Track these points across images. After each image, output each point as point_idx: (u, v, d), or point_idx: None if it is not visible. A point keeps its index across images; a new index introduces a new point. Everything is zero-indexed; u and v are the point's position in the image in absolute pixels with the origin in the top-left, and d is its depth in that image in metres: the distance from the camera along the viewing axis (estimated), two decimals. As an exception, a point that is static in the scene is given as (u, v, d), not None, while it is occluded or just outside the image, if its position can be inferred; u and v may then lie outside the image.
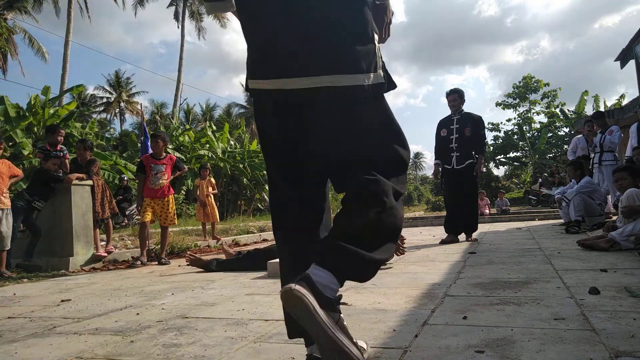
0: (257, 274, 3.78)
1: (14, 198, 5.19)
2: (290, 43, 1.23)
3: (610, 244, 3.69)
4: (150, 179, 5.28)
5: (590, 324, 1.68)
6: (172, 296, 2.94)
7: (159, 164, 5.34)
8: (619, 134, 6.87)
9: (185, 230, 8.69)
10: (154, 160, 5.36)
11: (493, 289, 2.46)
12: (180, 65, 28.97)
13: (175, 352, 1.68)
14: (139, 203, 5.54)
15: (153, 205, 5.30)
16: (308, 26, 1.22)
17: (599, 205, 5.95)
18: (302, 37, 1.22)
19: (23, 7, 22.40)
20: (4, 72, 21.87)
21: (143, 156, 5.62)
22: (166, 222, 5.37)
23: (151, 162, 5.33)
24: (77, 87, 13.33)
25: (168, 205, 5.38)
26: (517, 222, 9.27)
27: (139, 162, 5.55)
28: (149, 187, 5.29)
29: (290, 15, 1.23)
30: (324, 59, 1.21)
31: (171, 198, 5.45)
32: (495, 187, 25.54)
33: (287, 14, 1.23)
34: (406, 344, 1.58)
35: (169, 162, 5.46)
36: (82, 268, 5.16)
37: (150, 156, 5.47)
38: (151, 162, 5.34)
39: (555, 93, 28.32)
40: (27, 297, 3.30)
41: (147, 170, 5.29)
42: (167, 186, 5.39)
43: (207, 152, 16.37)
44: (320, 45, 1.22)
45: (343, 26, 1.23)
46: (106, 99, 40.39)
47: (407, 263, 3.86)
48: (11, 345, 1.93)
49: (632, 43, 12.62)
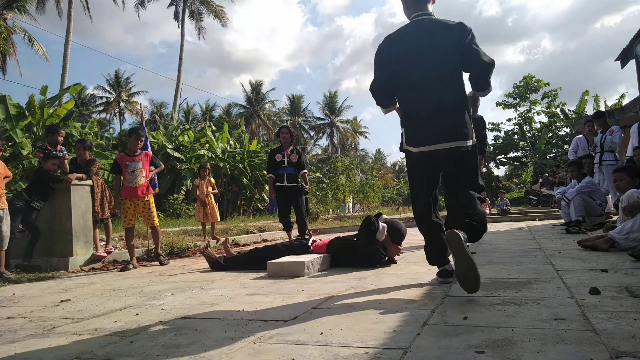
0: (257, 274, 3.78)
1: (12, 198, 5.19)
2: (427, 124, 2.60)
3: (609, 244, 3.69)
4: (127, 177, 5.02)
5: (590, 324, 1.67)
6: (172, 296, 2.94)
7: (134, 161, 5.08)
8: (620, 133, 6.87)
9: (185, 230, 8.69)
10: (129, 158, 5.08)
11: (493, 289, 2.46)
12: (180, 65, 28.99)
13: (175, 352, 1.68)
14: (116, 205, 5.32)
15: (134, 207, 5.07)
16: (440, 118, 2.56)
17: (600, 206, 5.94)
18: (433, 120, 2.58)
19: (22, 7, 22.39)
20: (3, 72, 21.88)
21: (117, 155, 5.33)
22: (150, 223, 5.16)
23: (126, 160, 5.06)
24: (75, 86, 13.30)
25: (149, 205, 5.15)
26: (518, 222, 9.26)
27: (113, 161, 5.27)
28: (127, 185, 5.02)
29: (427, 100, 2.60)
30: (449, 134, 2.53)
31: (151, 198, 5.23)
32: (496, 187, 25.55)
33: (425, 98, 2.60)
34: (406, 344, 1.58)
35: (144, 158, 5.20)
36: (81, 268, 5.15)
37: (124, 154, 5.17)
38: (126, 159, 5.07)
39: (555, 93, 28.29)
40: (27, 297, 3.30)
41: (123, 168, 5.05)
42: (146, 185, 5.14)
43: (206, 152, 16.37)
44: (447, 128, 2.55)
45: (456, 117, 2.55)
46: (106, 98, 40.41)
47: (407, 263, 3.85)
48: (11, 346, 1.93)
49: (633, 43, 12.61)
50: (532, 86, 28.35)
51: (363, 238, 3.81)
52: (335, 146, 48.82)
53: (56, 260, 5.14)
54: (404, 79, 2.67)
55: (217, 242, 7.38)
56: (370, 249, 3.76)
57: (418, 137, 2.61)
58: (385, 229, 3.79)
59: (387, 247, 3.81)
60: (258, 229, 9.91)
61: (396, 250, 3.86)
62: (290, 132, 6.70)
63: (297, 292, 2.77)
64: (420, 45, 2.60)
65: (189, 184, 14.79)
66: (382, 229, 3.77)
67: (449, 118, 2.54)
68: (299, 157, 6.54)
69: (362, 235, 3.83)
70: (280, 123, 38.80)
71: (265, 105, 44.31)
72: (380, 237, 3.76)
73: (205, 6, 30.58)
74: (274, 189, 6.48)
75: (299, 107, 47.63)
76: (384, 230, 3.78)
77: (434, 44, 2.57)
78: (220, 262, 4.25)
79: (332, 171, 23.93)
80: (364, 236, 3.79)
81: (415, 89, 2.64)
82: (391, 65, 2.68)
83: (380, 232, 3.76)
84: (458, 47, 2.54)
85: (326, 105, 48.77)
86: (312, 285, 3.00)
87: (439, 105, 2.56)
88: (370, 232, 3.75)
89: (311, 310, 2.25)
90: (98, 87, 41.43)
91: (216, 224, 8.30)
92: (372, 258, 3.76)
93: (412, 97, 2.67)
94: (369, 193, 24.28)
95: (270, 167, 6.58)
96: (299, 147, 6.83)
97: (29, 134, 11.27)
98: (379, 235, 3.75)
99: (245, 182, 16.92)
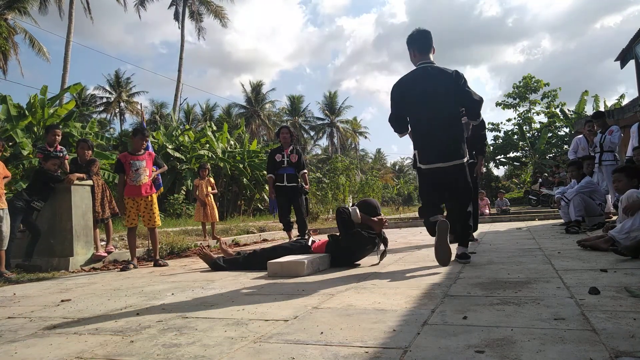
0: (257, 273, 3.78)
1: (12, 198, 5.20)
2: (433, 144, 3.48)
3: (609, 243, 3.69)
4: (131, 176, 5.00)
5: (590, 324, 1.68)
6: (172, 296, 2.94)
7: (138, 160, 5.07)
8: (619, 134, 6.87)
9: (185, 230, 8.69)
10: (133, 157, 5.08)
11: (493, 289, 2.46)
12: (180, 65, 28.99)
13: (175, 352, 1.68)
14: (119, 206, 5.21)
15: (136, 205, 5.05)
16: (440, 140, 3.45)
17: (599, 205, 5.95)
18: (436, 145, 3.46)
19: (23, 8, 22.39)
20: (4, 72, 21.88)
21: (120, 154, 5.28)
22: (150, 223, 5.10)
23: (130, 159, 5.05)
24: (75, 85, 13.28)
25: (152, 205, 5.12)
26: (517, 222, 9.26)
27: (117, 160, 5.25)
28: (131, 184, 4.99)
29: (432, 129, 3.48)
30: (448, 155, 3.43)
31: (154, 197, 5.21)
32: (495, 187, 25.56)
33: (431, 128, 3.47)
34: (406, 344, 1.59)
35: (148, 157, 5.21)
36: (82, 268, 5.16)
37: (128, 153, 5.19)
38: (130, 158, 5.05)
39: (555, 93, 28.30)
40: (27, 297, 3.30)
41: (126, 167, 5.03)
42: (149, 184, 5.13)
43: (207, 152, 16.37)
44: (445, 149, 3.43)
45: (454, 141, 3.43)
46: (106, 99, 40.42)
47: (407, 263, 3.85)
48: (11, 345, 1.93)
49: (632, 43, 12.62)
50: (532, 86, 28.36)
51: (342, 231, 3.84)
52: (335, 146, 48.83)
53: (57, 260, 5.14)
54: (415, 113, 3.57)
55: (217, 242, 7.37)
56: (355, 234, 3.78)
57: (428, 158, 3.51)
58: (357, 209, 3.85)
59: (370, 224, 3.83)
60: (258, 229, 9.91)
61: (380, 223, 3.89)
62: (290, 132, 6.70)
63: (297, 292, 2.77)
64: (426, 87, 3.45)
65: (189, 184, 14.79)
66: (353, 211, 3.85)
67: (451, 144, 3.45)
68: (299, 157, 6.55)
69: (340, 226, 3.86)
70: (280, 123, 38.81)
71: (265, 105, 44.34)
72: (356, 218, 3.82)
73: (205, 6, 30.59)
74: (274, 189, 6.49)
75: (299, 107, 47.64)
76: (357, 210, 3.84)
77: (437, 86, 3.43)
78: (220, 263, 4.25)
79: (332, 171, 23.93)
80: (342, 227, 3.83)
81: (423, 120, 3.53)
82: (404, 101, 3.56)
83: (353, 213, 3.83)
84: (455, 89, 3.41)
85: (326, 105, 48.80)
86: (312, 285, 3.00)
87: (442, 134, 3.45)
88: (345, 220, 3.79)
89: (311, 310, 2.25)
90: (98, 87, 41.45)
91: (216, 223, 8.30)
92: (362, 241, 3.78)
93: (421, 127, 3.57)
94: (369, 193, 24.25)
95: (270, 167, 6.59)
96: (299, 147, 6.83)
97: (30, 134, 11.27)
98: (353, 217, 3.81)
99: (246, 182, 16.91)
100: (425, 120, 3.49)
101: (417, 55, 3.57)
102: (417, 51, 3.56)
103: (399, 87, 3.58)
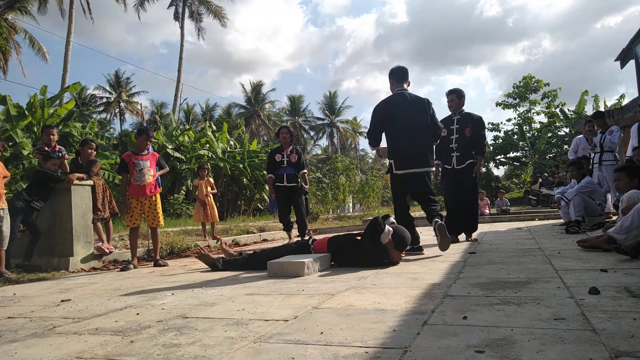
0: (258, 273, 3.78)
1: (12, 198, 5.20)
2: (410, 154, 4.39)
3: (610, 243, 3.68)
4: (135, 175, 5.00)
5: (590, 324, 1.68)
6: (172, 296, 2.94)
7: (142, 160, 5.08)
8: (619, 134, 6.86)
9: (185, 230, 8.69)
10: (137, 156, 5.09)
11: (493, 289, 2.46)
12: (180, 65, 28.99)
13: (175, 352, 1.68)
14: (123, 206, 5.19)
15: (140, 205, 5.05)
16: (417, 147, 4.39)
17: (599, 205, 5.95)
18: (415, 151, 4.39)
19: (23, 8, 22.39)
20: (4, 72, 21.86)
21: (124, 154, 5.27)
22: (154, 223, 5.12)
23: (134, 159, 5.06)
24: (74, 85, 13.26)
25: (156, 204, 5.14)
26: (517, 222, 9.26)
27: (120, 160, 5.24)
28: (135, 183, 5.00)
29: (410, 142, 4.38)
30: (422, 162, 4.40)
31: (158, 197, 5.22)
32: (495, 187, 25.53)
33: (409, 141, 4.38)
34: (406, 344, 1.59)
35: (152, 158, 5.21)
36: (82, 268, 5.16)
37: (131, 153, 5.17)
38: (134, 158, 5.06)
39: (555, 93, 28.28)
40: (27, 297, 3.30)
41: (130, 167, 5.03)
42: (154, 183, 5.13)
43: (207, 152, 16.38)
44: (421, 156, 4.40)
45: (428, 148, 4.52)
46: (106, 99, 40.40)
47: (407, 263, 3.86)
48: (11, 345, 1.93)
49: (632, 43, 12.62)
50: (532, 86, 28.34)
51: (368, 237, 3.81)
52: (335, 146, 48.83)
53: (57, 260, 5.14)
54: (395, 130, 4.41)
55: (217, 242, 7.38)
56: (372, 249, 3.76)
57: (403, 165, 4.40)
58: (390, 233, 3.78)
59: (389, 251, 3.82)
60: (258, 229, 9.91)
61: (397, 256, 3.86)
62: (290, 132, 6.70)
63: (297, 292, 2.77)
64: (405, 108, 4.39)
65: (189, 184, 14.79)
66: (387, 231, 3.77)
67: (422, 154, 4.40)
68: (299, 157, 6.55)
69: (367, 234, 3.83)
70: (280, 123, 38.78)
71: (265, 105, 44.34)
72: (384, 240, 3.75)
73: (205, 6, 30.59)
74: (274, 189, 6.49)
75: (299, 107, 47.63)
76: (389, 234, 3.77)
77: (414, 108, 4.40)
78: (219, 264, 4.23)
79: (332, 171, 23.95)
80: (369, 235, 3.79)
81: (402, 136, 4.40)
82: (384, 120, 4.41)
83: (385, 234, 3.75)
84: (427, 112, 4.42)
85: (326, 105, 48.78)
86: (312, 285, 3.00)
87: (417, 146, 4.38)
88: (375, 232, 3.75)
89: (311, 310, 2.25)
90: (98, 87, 41.37)
91: (216, 223, 8.30)
92: (373, 258, 3.76)
93: (400, 141, 4.42)
94: (369, 193, 24.29)
95: (270, 167, 6.59)
96: (298, 147, 6.84)
97: (30, 134, 11.28)
98: (383, 237, 3.74)
99: (246, 182, 16.92)
100: (404, 135, 4.37)
101: (395, 84, 4.54)
102: (396, 80, 4.53)
103: (382, 107, 4.42)
